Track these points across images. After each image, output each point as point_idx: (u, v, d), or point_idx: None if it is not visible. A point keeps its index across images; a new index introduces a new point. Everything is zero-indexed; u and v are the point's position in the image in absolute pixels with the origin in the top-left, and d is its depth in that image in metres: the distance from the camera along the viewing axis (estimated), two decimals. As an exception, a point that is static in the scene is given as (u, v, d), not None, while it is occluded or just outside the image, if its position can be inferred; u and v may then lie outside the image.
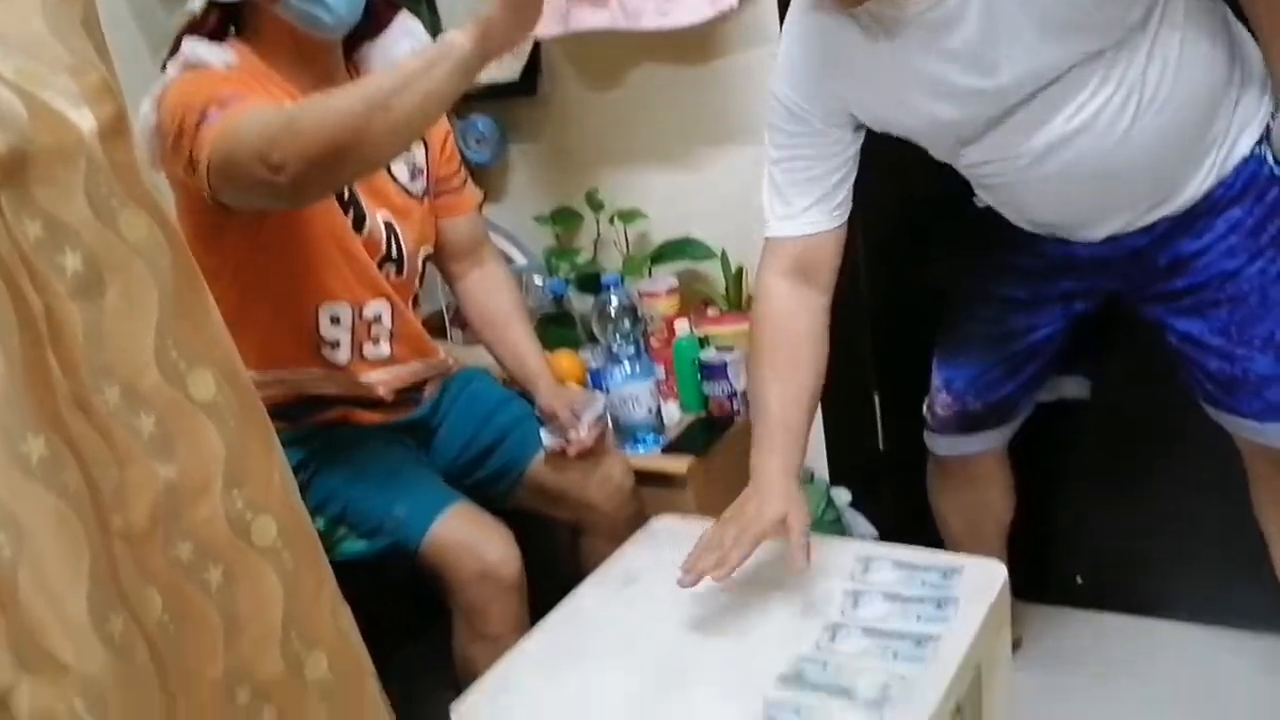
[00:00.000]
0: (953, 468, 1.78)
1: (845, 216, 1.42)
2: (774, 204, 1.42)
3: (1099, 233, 1.44)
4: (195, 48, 1.42)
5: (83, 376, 0.82)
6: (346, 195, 1.53)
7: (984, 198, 1.51)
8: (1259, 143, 1.37)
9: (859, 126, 1.39)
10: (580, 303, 2.16)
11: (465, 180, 1.76)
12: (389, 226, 1.59)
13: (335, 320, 1.56)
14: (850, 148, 1.40)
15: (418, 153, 1.64)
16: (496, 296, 1.76)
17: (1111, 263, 1.48)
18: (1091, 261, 1.49)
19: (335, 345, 1.57)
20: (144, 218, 0.87)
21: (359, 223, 1.55)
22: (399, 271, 1.62)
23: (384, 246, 1.59)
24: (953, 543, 1.80)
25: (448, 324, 2.17)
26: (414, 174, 1.64)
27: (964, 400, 1.67)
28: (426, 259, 1.69)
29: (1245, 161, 1.37)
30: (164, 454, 0.87)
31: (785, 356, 1.40)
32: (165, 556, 0.87)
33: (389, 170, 1.59)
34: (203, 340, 0.91)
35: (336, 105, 1.23)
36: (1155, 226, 1.41)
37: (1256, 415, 1.46)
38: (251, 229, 1.46)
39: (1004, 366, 1.63)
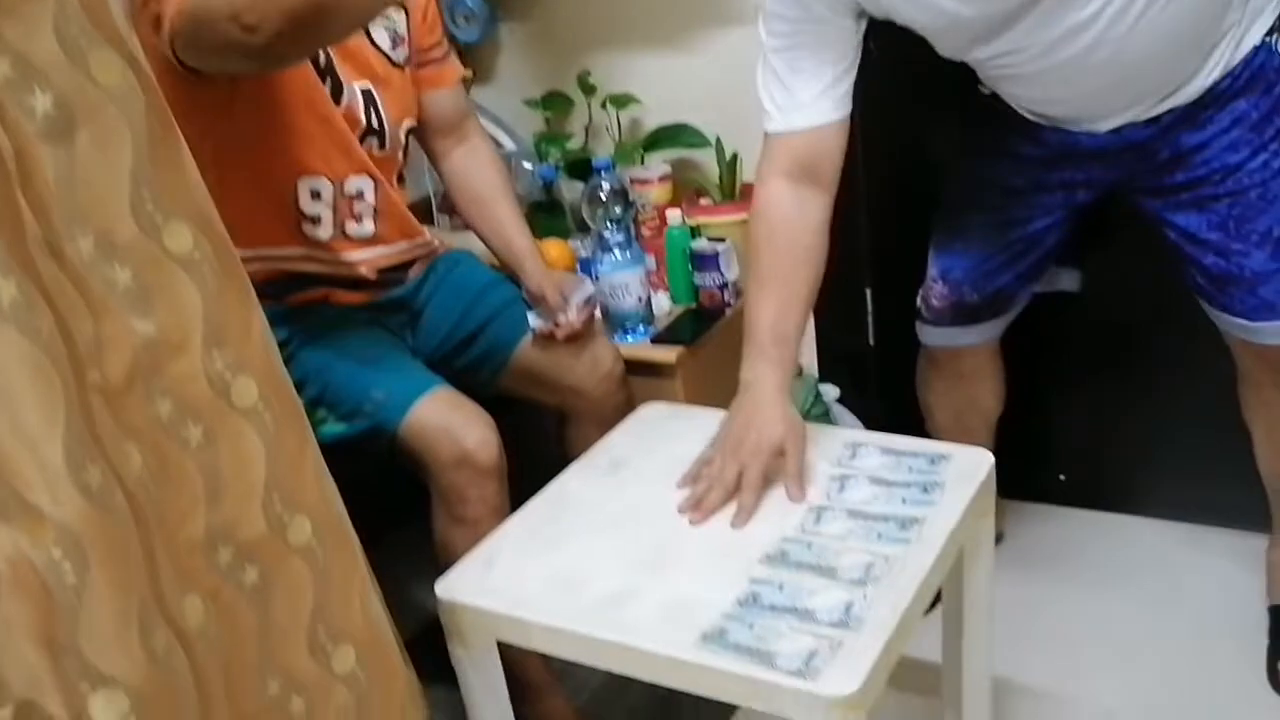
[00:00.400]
0: (943, 361, 1.77)
1: (849, 108, 1.36)
2: (775, 94, 1.34)
3: (1105, 125, 1.41)
4: None
5: (55, 223, 0.80)
6: (323, 63, 1.48)
7: (989, 88, 1.47)
8: (1270, 33, 1.34)
9: (862, 14, 1.33)
10: (570, 191, 2.12)
11: (448, 52, 1.70)
12: (368, 95, 1.55)
13: (316, 195, 1.52)
14: (854, 36, 1.33)
15: (399, 19, 1.59)
16: (481, 173, 1.72)
17: (1113, 153, 1.45)
18: (1093, 152, 1.46)
19: (316, 221, 1.53)
20: (117, 61, 0.83)
21: (337, 93, 1.50)
22: (381, 145, 1.58)
23: (364, 118, 1.55)
24: (939, 437, 1.80)
25: (435, 209, 2.13)
26: (395, 42, 1.59)
27: (960, 291, 1.66)
28: (410, 133, 1.65)
29: (1254, 52, 1.34)
30: (141, 308, 0.85)
31: (785, 264, 1.35)
32: (144, 413, 0.85)
33: (369, 37, 1.54)
34: (179, 191, 0.88)
35: None
36: (1161, 119, 1.39)
37: (1248, 313, 1.45)
38: (224, 99, 1.42)
39: (1003, 256, 1.61)
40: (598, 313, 1.72)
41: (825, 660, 1.00)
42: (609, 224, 1.80)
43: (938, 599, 1.31)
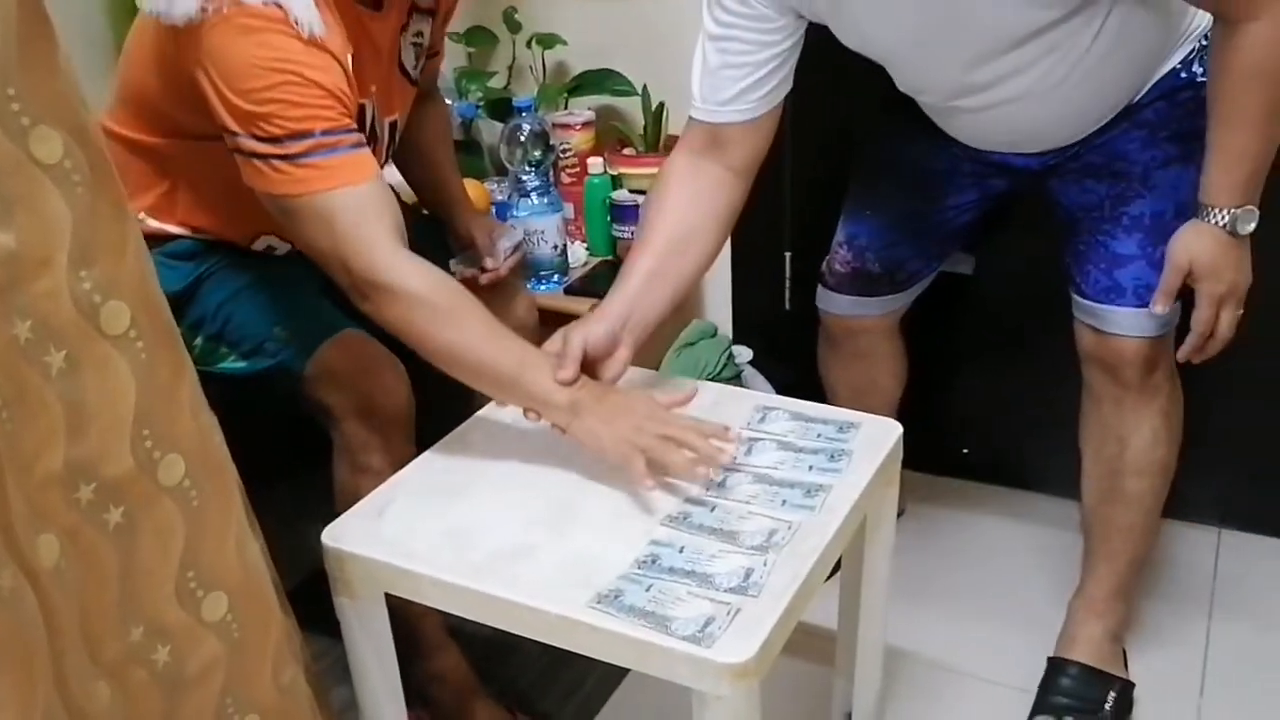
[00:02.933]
0: (841, 339, 1.76)
1: (775, 103, 1.33)
2: (702, 86, 1.32)
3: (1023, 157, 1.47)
4: None
5: (-99, 118, 0.72)
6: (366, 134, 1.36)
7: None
8: (1183, 61, 1.36)
9: (802, 15, 1.30)
10: (489, 132, 2.05)
11: (444, 37, 1.62)
12: (393, 127, 1.47)
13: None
14: (793, 36, 1.30)
15: (425, 28, 1.50)
16: (429, 122, 1.65)
17: (1020, 169, 1.50)
18: (1000, 165, 1.51)
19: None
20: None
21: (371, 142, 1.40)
22: (382, 164, 1.49)
23: (385, 153, 1.47)
24: (840, 415, 1.80)
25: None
26: (418, 56, 1.50)
27: (864, 258, 1.65)
28: None
29: (1166, 75, 1.37)
30: (0, 218, 0.77)
31: (662, 242, 1.31)
32: (0, 333, 0.78)
33: (402, 66, 1.46)
34: (51, 96, 0.79)
35: (449, 337, 1.22)
36: (1066, 149, 1.44)
37: (1100, 294, 1.46)
38: (209, 144, 1.27)
39: (909, 229, 1.61)
40: (524, 261, 1.67)
41: (721, 627, 0.97)
42: (527, 167, 1.74)
43: (837, 566, 1.30)
